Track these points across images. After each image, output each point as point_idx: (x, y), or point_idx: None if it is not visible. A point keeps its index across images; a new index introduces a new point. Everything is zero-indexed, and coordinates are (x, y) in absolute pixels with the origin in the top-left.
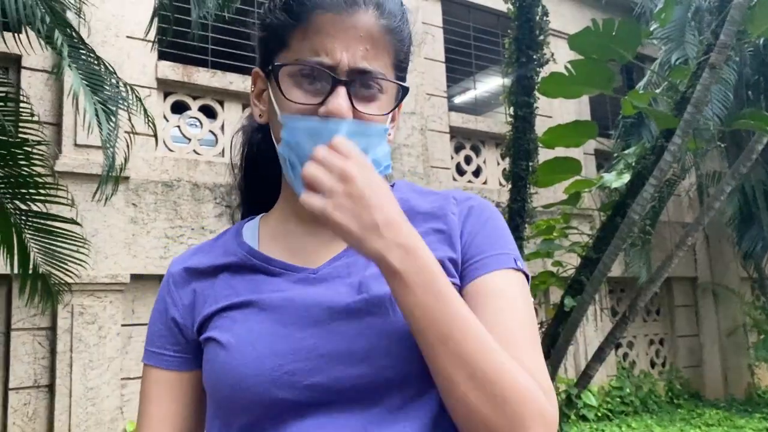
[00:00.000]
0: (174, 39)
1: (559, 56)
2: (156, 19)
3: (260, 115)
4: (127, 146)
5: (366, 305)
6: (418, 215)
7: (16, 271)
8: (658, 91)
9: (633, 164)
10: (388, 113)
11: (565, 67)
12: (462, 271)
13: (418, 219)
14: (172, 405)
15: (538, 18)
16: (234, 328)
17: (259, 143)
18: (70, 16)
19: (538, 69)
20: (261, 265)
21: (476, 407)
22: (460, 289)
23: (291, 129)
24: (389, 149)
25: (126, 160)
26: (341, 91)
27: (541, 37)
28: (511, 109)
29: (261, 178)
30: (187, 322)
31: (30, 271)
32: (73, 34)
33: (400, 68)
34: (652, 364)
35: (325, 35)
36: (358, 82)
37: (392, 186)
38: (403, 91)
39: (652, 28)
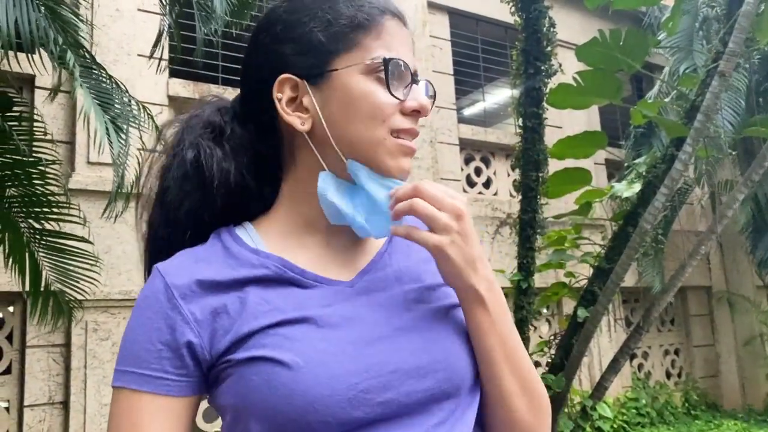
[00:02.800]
0: (184, 56)
1: (567, 67)
2: (162, 40)
3: (302, 123)
4: (139, 163)
5: (421, 321)
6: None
7: (27, 289)
8: (667, 100)
9: (644, 173)
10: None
11: (574, 78)
12: None
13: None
14: None
15: (545, 29)
16: (295, 347)
17: (230, 143)
18: (82, 36)
19: (546, 80)
20: (296, 277)
21: (524, 415)
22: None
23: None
24: None
25: (137, 177)
26: (422, 86)
27: (549, 48)
28: (520, 120)
29: (229, 188)
30: (204, 341)
31: (42, 289)
32: (86, 54)
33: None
34: (668, 375)
35: (395, 38)
36: (426, 87)
37: None
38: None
39: (659, 38)
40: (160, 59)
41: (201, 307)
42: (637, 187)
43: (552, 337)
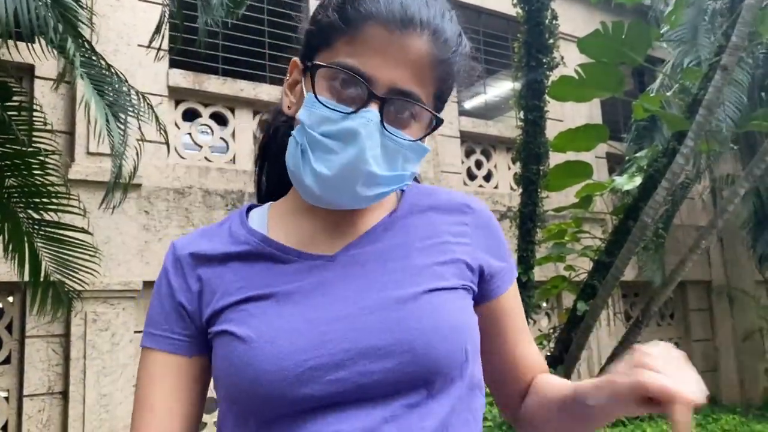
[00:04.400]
0: (185, 47)
1: (569, 60)
2: (163, 29)
3: (289, 106)
4: (137, 154)
5: (391, 301)
6: (429, 211)
7: (27, 279)
8: (669, 93)
9: (645, 167)
10: (416, 141)
11: (575, 71)
12: (489, 285)
13: (430, 215)
14: (176, 389)
15: (547, 22)
16: (252, 322)
17: (282, 135)
18: (83, 23)
19: (548, 73)
20: (274, 252)
21: None
22: (485, 299)
23: (310, 113)
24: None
25: (135, 168)
26: (373, 106)
27: (551, 41)
28: (522, 113)
29: (279, 169)
30: (195, 310)
31: (41, 279)
32: (85, 43)
33: (440, 99)
34: None
35: (371, 48)
36: (394, 104)
37: (402, 191)
38: (437, 122)
39: (662, 31)
40: (159, 49)
41: (194, 279)
42: (638, 180)
43: (551, 331)
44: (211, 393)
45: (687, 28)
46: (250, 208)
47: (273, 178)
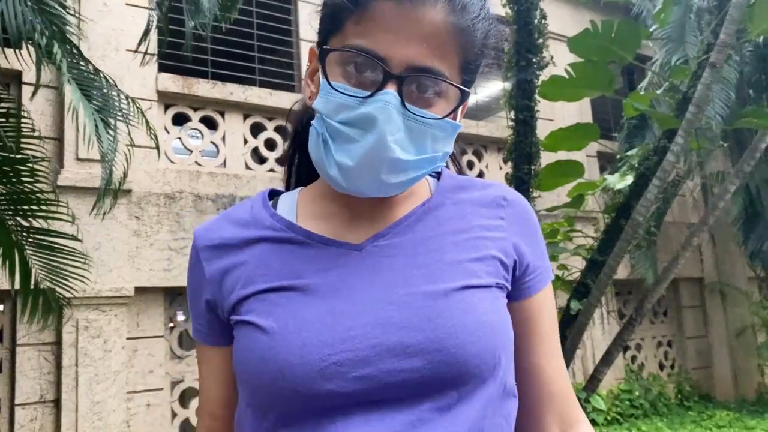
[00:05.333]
0: (173, 51)
1: (559, 59)
2: (150, 33)
3: (310, 96)
4: (127, 160)
5: (420, 297)
6: (463, 203)
7: (17, 287)
8: (659, 91)
9: (636, 166)
10: (443, 118)
11: (565, 70)
12: (520, 282)
13: (465, 207)
14: (221, 376)
15: (536, 21)
16: (276, 312)
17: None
18: (70, 29)
19: (537, 72)
20: (299, 238)
21: None
22: (512, 299)
23: (326, 101)
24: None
25: (125, 174)
26: (391, 87)
27: (540, 41)
28: (512, 113)
29: (309, 160)
30: (218, 300)
31: (32, 287)
32: (73, 49)
33: (468, 71)
34: (661, 367)
35: (381, 25)
36: (415, 82)
37: (438, 175)
38: (464, 95)
39: (651, 29)
40: (145, 53)
41: (214, 269)
42: (630, 179)
43: None
44: None
45: (674, 26)
46: (272, 193)
47: (303, 169)
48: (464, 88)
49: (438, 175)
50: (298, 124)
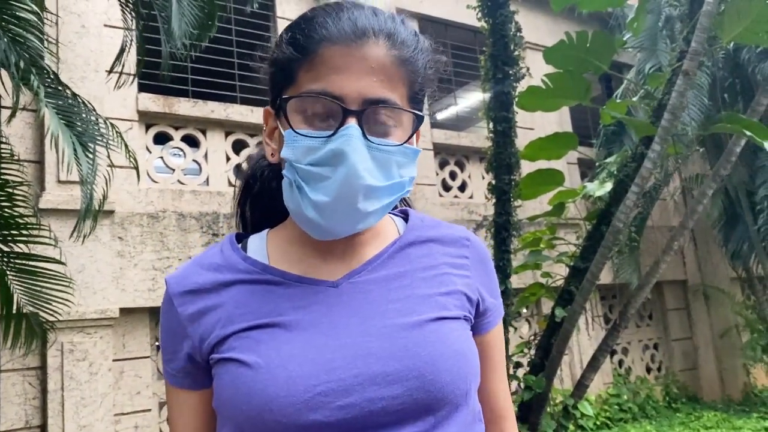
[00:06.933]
0: (153, 71)
1: (536, 69)
2: (125, 54)
3: (273, 154)
4: (106, 182)
5: (396, 328)
6: (431, 242)
7: None
8: (635, 99)
9: (615, 172)
10: (402, 144)
11: (542, 81)
12: (481, 319)
13: (432, 246)
14: (194, 419)
15: (511, 33)
16: (259, 349)
17: (267, 174)
18: (49, 52)
19: (514, 84)
20: (276, 279)
21: None
22: (475, 333)
23: (293, 148)
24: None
25: (105, 196)
26: (351, 121)
27: (516, 53)
28: (491, 124)
29: (262, 208)
30: (196, 346)
31: (14, 312)
32: (50, 74)
33: (416, 99)
34: (648, 370)
35: (333, 68)
36: (371, 115)
37: (404, 213)
38: (418, 120)
39: (626, 38)
40: (121, 73)
41: (191, 311)
42: (609, 186)
43: (532, 338)
44: None
45: (647, 34)
46: (238, 237)
47: (256, 216)
48: (418, 112)
49: (405, 217)
50: (249, 178)
